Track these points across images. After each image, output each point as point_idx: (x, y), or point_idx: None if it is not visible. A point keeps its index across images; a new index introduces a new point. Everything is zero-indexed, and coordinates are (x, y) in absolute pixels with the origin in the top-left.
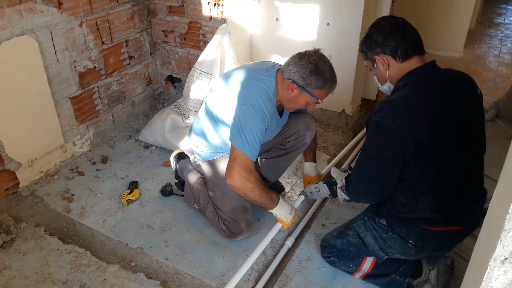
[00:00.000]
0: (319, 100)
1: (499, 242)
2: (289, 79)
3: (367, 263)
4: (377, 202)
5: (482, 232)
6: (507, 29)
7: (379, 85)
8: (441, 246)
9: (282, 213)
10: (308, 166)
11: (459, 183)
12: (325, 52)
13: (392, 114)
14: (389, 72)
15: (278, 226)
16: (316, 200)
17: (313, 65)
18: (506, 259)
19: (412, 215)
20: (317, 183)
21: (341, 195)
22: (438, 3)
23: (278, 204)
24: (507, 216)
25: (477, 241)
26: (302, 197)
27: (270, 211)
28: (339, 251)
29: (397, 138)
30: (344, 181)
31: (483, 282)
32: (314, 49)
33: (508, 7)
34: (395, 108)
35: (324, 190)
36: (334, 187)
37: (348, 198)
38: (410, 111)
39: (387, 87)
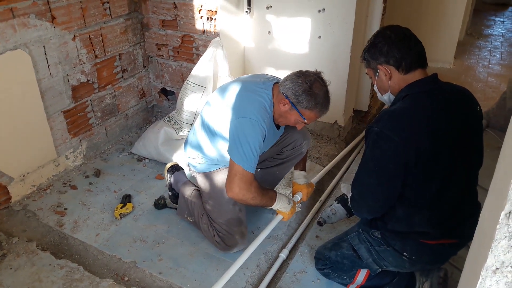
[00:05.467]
0: (306, 121)
1: (490, 252)
2: (283, 93)
3: (361, 275)
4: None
5: (473, 242)
6: (495, 40)
7: (379, 94)
8: (435, 259)
9: (280, 205)
10: (298, 174)
11: (455, 198)
12: (317, 64)
13: (393, 125)
14: (390, 82)
15: (278, 217)
16: (310, 211)
17: (308, 85)
18: (497, 269)
19: (408, 229)
20: (331, 205)
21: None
22: (428, 15)
23: (276, 199)
24: (498, 226)
25: (469, 251)
26: (298, 198)
27: (270, 207)
28: (333, 263)
29: (399, 150)
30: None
31: None
32: (316, 70)
33: (496, 18)
34: (397, 119)
35: (340, 211)
36: (349, 205)
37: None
38: (411, 123)
39: (387, 97)
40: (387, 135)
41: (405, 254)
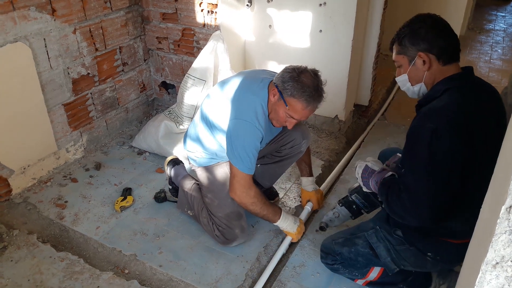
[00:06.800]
0: (290, 111)
1: (490, 246)
2: (274, 83)
3: (374, 272)
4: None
5: (474, 237)
6: (497, 35)
7: (408, 85)
8: (458, 259)
9: (287, 225)
10: (305, 181)
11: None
12: (318, 58)
13: (450, 121)
14: (428, 73)
15: (288, 239)
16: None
17: (296, 73)
18: (497, 263)
19: (437, 226)
20: (334, 208)
21: (368, 185)
22: (429, 9)
23: (281, 216)
24: (498, 221)
25: (469, 245)
26: (308, 209)
27: (274, 224)
28: (345, 260)
29: (459, 147)
30: (381, 180)
31: (475, 287)
32: (313, 68)
33: (498, 13)
34: (452, 115)
35: (344, 213)
36: (354, 206)
37: (370, 191)
38: (466, 120)
39: (417, 89)
40: (445, 132)
41: (429, 254)
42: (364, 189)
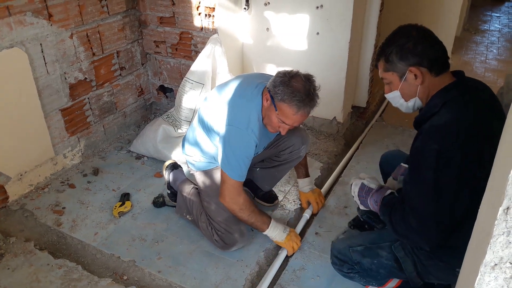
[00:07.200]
0: (280, 116)
1: (488, 248)
2: (267, 88)
3: (393, 282)
4: None
5: (472, 238)
6: (492, 35)
7: (401, 101)
8: None
9: (275, 234)
10: (302, 183)
11: None
12: (316, 60)
13: (455, 141)
14: (421, 87)
15: (284, 252)
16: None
17: (287, 78)
18: (496, 265)
19: (462, 242)
20: (345, 232)
21: (366, 204)
22: (425, 11)
23: (270, 226)
24: (496, 222)
25: (468, 247)
26: (307, 216)
27: (263, 233)
28: (364, 270)
29: (465, 166)
30: (381, 199)
31: None
32: (307, 73)
33: (493, 14)
34: (456, 134)
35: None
36: (366, 226)
37: (368, 210)
38: (469, 134)
39: (411, 104)
40: (450, 152)
41: (458, 270)
42: (361, 207)
